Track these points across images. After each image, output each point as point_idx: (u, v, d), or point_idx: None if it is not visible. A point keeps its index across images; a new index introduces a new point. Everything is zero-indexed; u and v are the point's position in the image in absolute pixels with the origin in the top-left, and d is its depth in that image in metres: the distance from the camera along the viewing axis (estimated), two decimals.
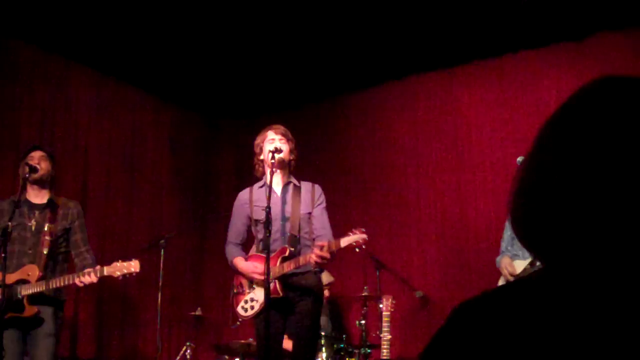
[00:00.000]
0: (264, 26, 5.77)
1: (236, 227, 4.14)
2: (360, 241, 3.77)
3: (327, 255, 3.71)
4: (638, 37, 5.52)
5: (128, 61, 6.29)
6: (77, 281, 3.99)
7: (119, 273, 4.03)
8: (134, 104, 6.77)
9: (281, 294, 3.81)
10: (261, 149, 4.03)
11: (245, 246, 4.16)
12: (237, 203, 4.17)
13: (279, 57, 6.30)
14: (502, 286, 0.84)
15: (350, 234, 3.81)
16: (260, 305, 3.85)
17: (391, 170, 6.60)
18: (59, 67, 6.05)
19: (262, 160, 4.04)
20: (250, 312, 3.92)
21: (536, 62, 5.95)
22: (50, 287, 4.01)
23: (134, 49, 6.08)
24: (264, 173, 4.07)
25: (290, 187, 4.05)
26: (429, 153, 6.44)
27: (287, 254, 3.87)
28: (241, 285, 4.03)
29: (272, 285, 3.75)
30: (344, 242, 3.77)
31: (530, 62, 5.98)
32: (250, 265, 3.93)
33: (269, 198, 3.69)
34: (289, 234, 3.93)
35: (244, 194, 4.16)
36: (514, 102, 6.04)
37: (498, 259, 4.48)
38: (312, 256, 3.73)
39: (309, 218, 3.99)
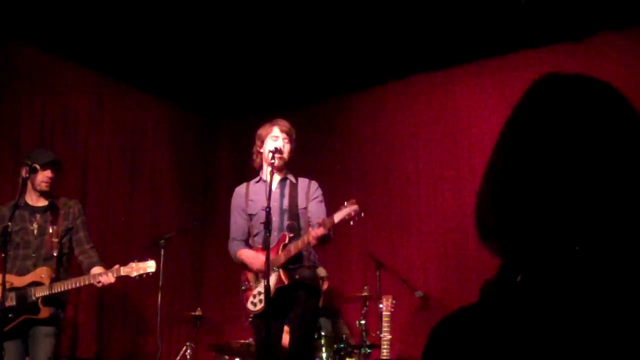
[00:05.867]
0: (264, 26, 5.76)
1: (237, 223, 4.12)
2: (353, 213, 3.72)
3: (323, 231, 3.67)
4: (638, 37, 5.51)
5: (128, 61, 6.29)
6: (94, 282, 3.98)
7: (135, 273, 4.02)
8: (134, 104, 6.76)
9: (286, 282, 3.79)
10: (262, 142, 4.02)
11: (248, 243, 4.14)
12: (234, 198, 4.18)
13: (279, 57, 6.29)
14: (478, 302, 0.83)
15: (342, 207, 3.76)
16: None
17: (391, 170, 6.60)
18: (58, 68, 6.04)
19: (261, 153, 4.04)
20: (259, 306, 3.86)
21: (536, 62, 5.94)
22: (65, 288, 4.00)
23: (134, 49, 6.07)
24: (261, 165, 4.09)
25: (287, 183, 4.06)
26: (429, 153, 6.44)
27: (286, 240, 3.85)
28: (247, 280, 3.98)
29: (276, 274, 3.76)
30: (337, 217, 3.72)
31: (530, 62, 5.97)
32: (253, 254, 3.92)
33: (268, 198, 3.68)
34: (287, 222, 3.92)
35: (240, 189, 4.17)
36: (514, 102, 6.01)
37: None
38: (309, 237, 3.71)
39: (305, 212, 4.00)
